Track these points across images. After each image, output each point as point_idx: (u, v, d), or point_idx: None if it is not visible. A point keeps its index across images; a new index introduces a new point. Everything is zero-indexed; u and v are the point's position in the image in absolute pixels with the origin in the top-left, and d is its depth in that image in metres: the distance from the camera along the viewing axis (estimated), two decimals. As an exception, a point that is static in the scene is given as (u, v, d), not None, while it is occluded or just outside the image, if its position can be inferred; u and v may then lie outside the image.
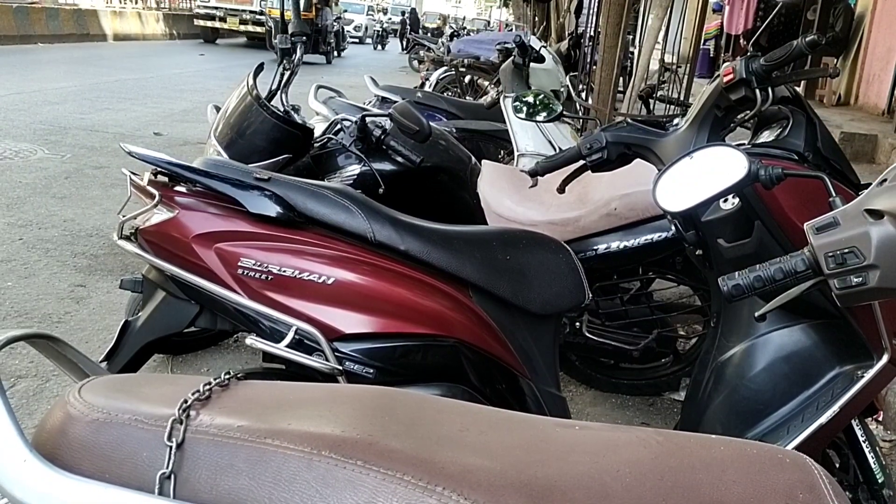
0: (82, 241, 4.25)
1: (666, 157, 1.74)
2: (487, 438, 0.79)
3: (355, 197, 1.85)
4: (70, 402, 0.76)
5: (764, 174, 1.42)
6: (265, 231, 1.74)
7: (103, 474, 0.71)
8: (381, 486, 0.67)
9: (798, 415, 1.64)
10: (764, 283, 1.18)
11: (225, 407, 0.78)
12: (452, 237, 1.85)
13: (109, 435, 0.73)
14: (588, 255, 2.58)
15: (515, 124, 3.58)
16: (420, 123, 2.66)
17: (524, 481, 0.70)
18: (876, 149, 6.94)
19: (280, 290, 1.70)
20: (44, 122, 7.26)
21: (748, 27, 11.67)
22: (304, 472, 0.68)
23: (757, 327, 1.71)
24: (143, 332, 1.87)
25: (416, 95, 4.86)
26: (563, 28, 12.57)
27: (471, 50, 10.84)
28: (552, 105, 3.08)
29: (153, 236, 1.77)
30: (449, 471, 0.69)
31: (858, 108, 9.02)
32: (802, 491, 0.73)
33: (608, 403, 2.98)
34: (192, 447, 0.71)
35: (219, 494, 0.69)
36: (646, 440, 0.80)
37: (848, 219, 1.14)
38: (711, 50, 13.34)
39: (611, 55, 5.51)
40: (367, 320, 1.72)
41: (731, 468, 0.75)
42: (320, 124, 3.12)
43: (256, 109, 2.78)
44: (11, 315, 3.26)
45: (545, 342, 1.93)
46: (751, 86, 1.69)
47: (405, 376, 1.76)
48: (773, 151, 1.71)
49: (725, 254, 1.66)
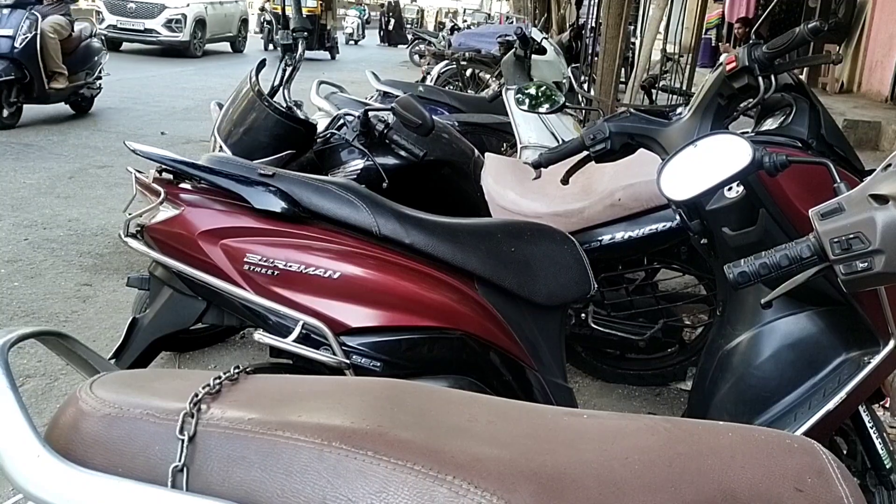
0: (87, 241, 4.26)
1: (669, 147, 1.74)
2: (496, 428, 0.79)
3: (360, 191, 1.85)
4: (82, 397, 0.76)
5: (768, 161, 1.42)
6: (270, 227, 1.74)
7: (116, 468, 0.71)
8: (392, 476, 0.68)
9: (805, 402, 1.64)
10: (770, 269, 1.18)
11: (235, 400, 0.78)
12: (457, 230, 1.85)
13: (121, 429, 0.73)
14: (593, 246, 2.58)
15: (518, 116, 3.57)
16: (423, 117, 2.66)
17: (534, 469, 0.70)
18: (880, 135, 6.92)
19: (286, 285, 1.71)
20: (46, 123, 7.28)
21: (749, 15, 11.64)
22: (315, 463, 0.69)
23: (763, 315, 1.71)
24: (150, 329, 1.88)
25: (417, 89, 4.85)
26: (564, 19, 12.55)
27: (472, 43, 10.83)
28: (554, 96, 3.08)
29: (159, 233, 1.78)
30: (459, 460, 0.70)
31: (861, 96, 8.99)
32: (811, 475, 0.73)
33: (615, 394, 2.98)
34: (203, 440, 0.72)
35: (231, 486, 0.69)
36: (654, 427, 0.81)
37: (853, 204, 1.14)
38: (713, 39, 13.31)
39: (612, 46, 5.49)
40: (373, 314, 1.73)
41: (740, 454, 0.75)
42: (323, 120, 3.13)
43: (259, 106, 2.78)
44: (19, 315, 3.28)
45: (551, 333, 1.93)
46: (754, 73, 1.69)
47: (412, 369, 1.76)
48: (776, 139, 1.71)
49: (730, 242, 1.66)
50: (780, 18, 10.72)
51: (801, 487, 0.71)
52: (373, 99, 4.41)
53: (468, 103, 4.83)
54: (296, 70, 3.06)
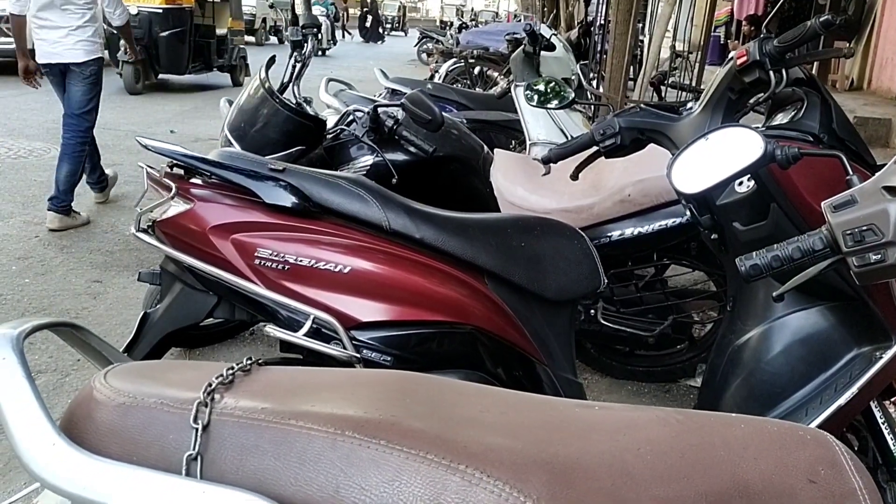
0: (97, 238, 4.28)
1: (680, 142, 1.74)
2: (508, 419, 0.79)
3: (370, 186, 1.85)
4: (96, 387, 0.77)
5: (780, 154, 1.41)
6: (281, 221, 1.75)
7: (130, 457, 0.71)
8: (405, 465, 0.68)
9: (816, 397, 1.64)
10: (782, 262, 1.17)
11: (248, 390, 0.79)
12: (467, 225, 1.85)
13: (136, 418, 0.74)
14: (602, 242, 2.58)
15: (527, 113, 3.57)
16: (432, 112, 2.66)
17: (546, 459, 0.70)
18: (890, 133, 6.88)
19: (297, 279, 1.71)
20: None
21: (758, 13, 11.59)
22: (328, 452, 0.69)
23: (773, 310, 1.70)
24: (161, 324, 1.89)
25: (426, 87, 4.85)
26: (573, 17, 12.53)
27: (480, 41, 10.84)
28: (564, 92, 3.07)
29: (170, 228, 1.79)
30: (472, 449, 0.70)
31: (871, 93, 8.94)
32: (824, 467, 0.73)
33: (624, 390, 2.98)
34: (217, 429, 0.72)
35: (245, 475, 0.70)
36: (665, 419, 0.81)
37: (866, 196, 1.14)
38: (722, 37, 13.26)
39: (621, 43, 5.47)
40: (383, 308, 1.73)
41: (753, 445, 0.75)
42: (332, 117, 3.13)
43: (270, 102, 2.79)
44: (30, 311, 3.29)
45: (561, 328, 1.93)
46: (764, 68, 1.68)
47: (422, 363, 1.76)
48: (787, 133, 1.70)
49: (741, 237, 1.66)
50: (789, 16, 10.67)
51: (815, 479, 0.71)
52: (381, 97, 4.41)
53: (477, 101, 4.82)
54: (305, 66, 3.07)
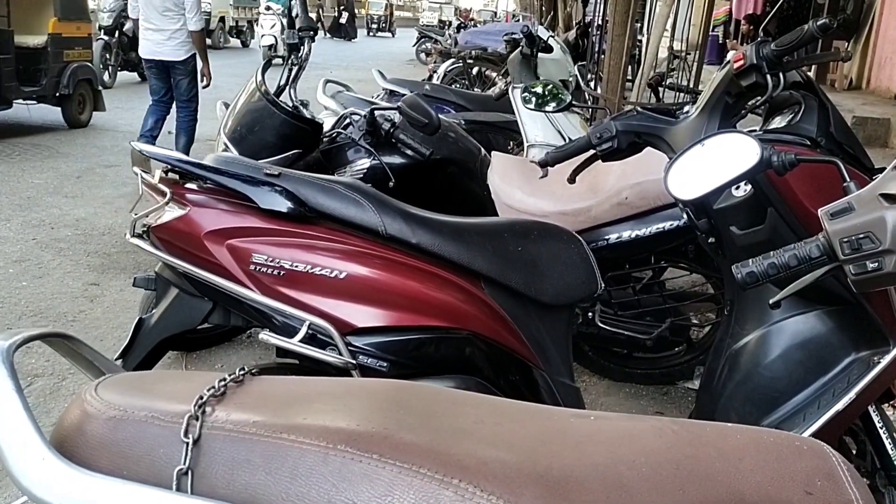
0: (95, 240, 4.27)
1: (677, 145, 1.73)
2: (503, 430, 0.79)
3: (366, 191, 1.85)
4: (87, 399, 0.76)
5: (777, 160, 1.40)
6: (276, 226, 1.74)
7: (121, 471, 0.71)
8: (398, 479, 0.67)
9: (814, 402, 1.63)
10: (778, 269, 1.17)
11: (240, 402, 0.78)
12: (464, 229, 1.85)
13: (126, 432, 0.73)
14: (600, 245, 2.57)
15: (524, 115, 3.56)
16: (429, 116, 2.65)
17: (540, 472, 0.70)
18: (889, 133, 6.88)
19: (292, 285, 1.70)
20: (54, 122, 7.30)
21: (757, 12, 11.60)
22: (320, 467, 0.69)
23: (771, 314, 1.70)
24: (157, 330, 1.88)
25: (424, 88, 4.85)
26: (571, 17, 12.52)
27: (478, 41, 10.84)
28: (561, 95, 3.06)
29: (165, 234, 1.78)
30: (465, 463, 0.69)
31: (870, 93, 8.94)
32: (821, 478, 0.72)
33: (622, 393, 2.97)
34: (208, 443, 0.71)
35: (236, 490, 0.69)
36: (661, 429, 0.80)
37: (863, 204, 1.13)
38: (720, 37, 13.27)
39: (619, 44, 5.47)
40: (379, 314, 1.72)
41: (749, 456, 0.74)
42: (329, 119, 3.12)
43: (266, 105, 2.78)
44: (27, 314, 3.29)
45: (558, 333, 1.92)
46: (762, 71, 1.67)
47: (419, 369, 1.76)
48: (785, 137, 1.70)
49: (738, 241, 1.65)
50: (788, 15, 10.67)
51: (811, 490, 0.71)
52: (379, 98, 4.41)
53: (474, 102, 4.82)
54: (302, 69, 3.06)
